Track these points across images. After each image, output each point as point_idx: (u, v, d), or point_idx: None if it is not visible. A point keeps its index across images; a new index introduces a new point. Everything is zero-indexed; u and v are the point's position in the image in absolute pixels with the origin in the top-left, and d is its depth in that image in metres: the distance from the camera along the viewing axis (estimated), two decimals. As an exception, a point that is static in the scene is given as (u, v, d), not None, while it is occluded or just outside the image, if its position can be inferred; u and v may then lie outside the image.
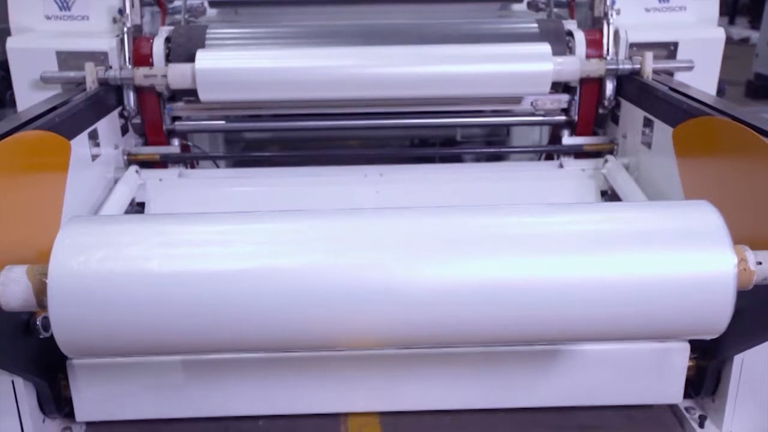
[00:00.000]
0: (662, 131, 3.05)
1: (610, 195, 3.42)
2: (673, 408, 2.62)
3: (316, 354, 2.44)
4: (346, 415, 2.59)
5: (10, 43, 3.41)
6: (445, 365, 2.51)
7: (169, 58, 3.46)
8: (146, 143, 3.64)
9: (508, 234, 2.02)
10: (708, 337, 2.15)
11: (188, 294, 1.89)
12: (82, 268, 1.87)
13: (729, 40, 3.66)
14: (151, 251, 1.93)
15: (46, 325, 2.21)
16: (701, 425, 2.50)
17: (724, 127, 2.45)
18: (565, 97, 3.64)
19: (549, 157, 3.85)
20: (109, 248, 1.92)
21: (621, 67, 3.44)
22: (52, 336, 1.94)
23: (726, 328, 1.97)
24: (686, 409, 2.58)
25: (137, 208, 3.38)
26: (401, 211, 2.15)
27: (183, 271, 1.91)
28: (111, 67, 3.36)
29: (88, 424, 2.56)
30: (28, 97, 3.31)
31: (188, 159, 3.71)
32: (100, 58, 3.37)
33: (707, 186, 2.58)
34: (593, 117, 3.65)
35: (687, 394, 2.59)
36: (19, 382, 2.29)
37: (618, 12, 3.53)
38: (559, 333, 2.03)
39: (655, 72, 3.41)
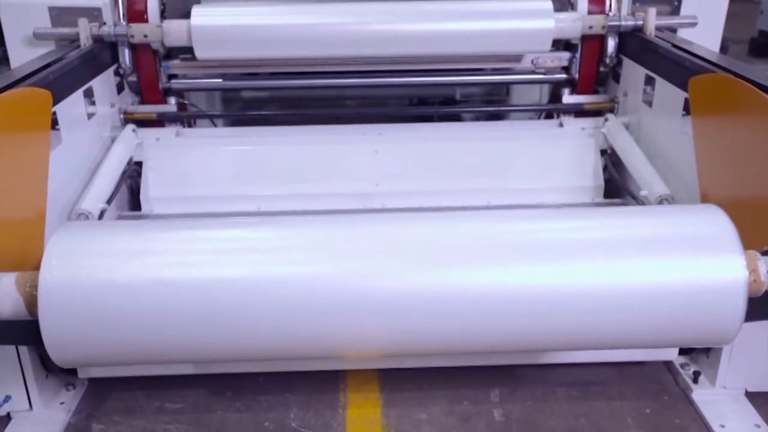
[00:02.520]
0: (664, 89, 3.02)
1: (610, 154, 3.40)
2: (667, 364, 2.66)
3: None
4: (345, 372, 2.62)
5: (2, -3, 3.35)
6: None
7: (164, 15, 3.40)
8: (142, 102, 3.60)
9: (515, 241, 2.01)
10: (717, 346, 2.17)
11: (183, 304, 1.87)
12: (72, 281, 1.86)
13: (734, -4, 3.60)
14: (144, 261, 1.91)
15: None
16: (695, 381, 2.53)
17: (739, 88, 2.39)
18: (566, 54, 3.59)
19: (549, 116, 3.82)
20: (100, 258, 1.91)
21: (623, 23, 3.38)
22: None
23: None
24: (681, 365, 2.61)
25: (135, 167, 3.36)
26: (407, 218, 2.15)
27: (177, 281, 1.89)
28: (105, 24, 3.30)
29: (90, 380, 2.60)
30: (21, 54, 3.26)
31: (185, 118, 3.68)
32: (93, 14, 3.31)
33: (719, 145, 2.54)
34: (594, 75, 3.61)
35: (681, 351, 2.63)
36: None
37: (621, -34, 3.46)
38: (565, 340, 2.04)
39: (658, 29, 3.36)
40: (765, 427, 2.31)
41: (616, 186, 3.37)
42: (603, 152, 3.45)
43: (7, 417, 2.36)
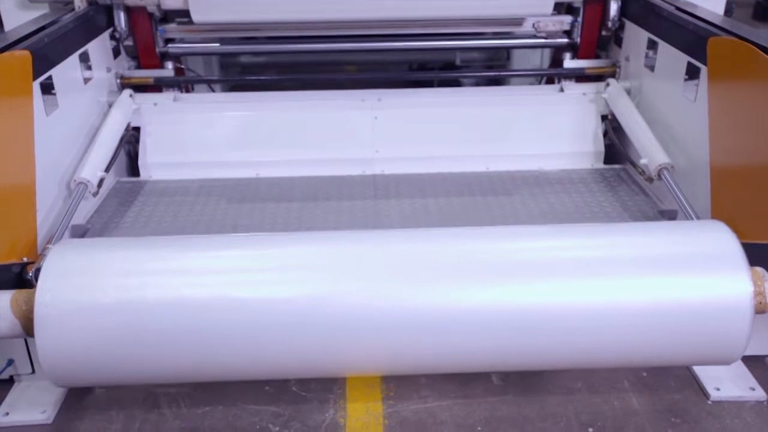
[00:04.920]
0: (667, 53, 2.99)
1: (611, 119, 3.38)
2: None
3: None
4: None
5: (-6, -41, 3.28)
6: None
7: (159, -24, 3.35)
8: (139, 66, 3.56)
9: (521, 260, 2.00)
10: (723, 364, 2.18)
11: (181, 324, 1.87)
12: (68, 303, 1.85)
13: (739, -42, 3.53)
14: (140, 282, 1.90)
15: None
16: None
17: (756, 57, 2.32)
18: (568, 18, 3.54)
19: (550, 81, 3.79)
20: (95, 280, 1.90)
21: (626, -15, 3.34)
22: None
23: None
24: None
25: (132, 132, 3.34)
26: (407, 235, 2.12)
27: (175, 301, 1.88)
28: (99, -14, 3.25)
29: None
30: (15, 17, 3.22)
31: (183, 83, 3.64)
32: (88, -25, 3.26)
33: (733, 112, 2.48)
34: (596, 39, 3.57)
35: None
36: None
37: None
38: (569, 359, 2.04)
39: (662, -10, 3.31)
40: (760, 390, 2.34)
41: (616, 152, 3.36)
42: (604, 117, 3.42)
43: (10, 380, 2.38)
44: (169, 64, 3.56)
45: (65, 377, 1.96)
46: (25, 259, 2.24)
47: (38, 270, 2.20)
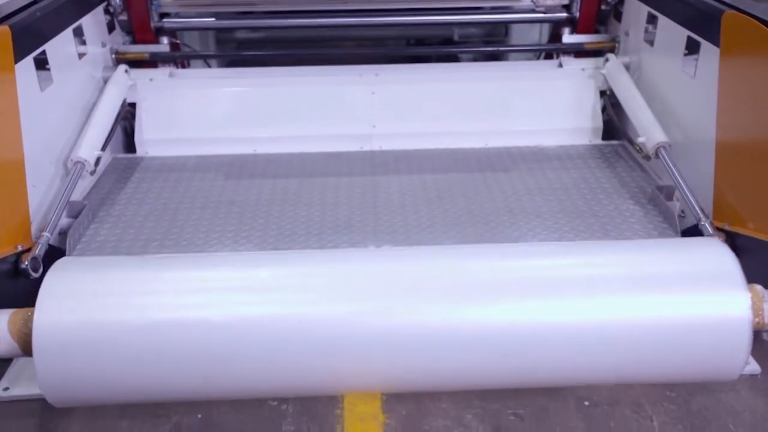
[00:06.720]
0: (667, 28, 2.96)
1: (609, 95, 3.36)
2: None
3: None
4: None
5: (-16, -68, 3.22)
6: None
7: (153, -52, 3.31)
8: (134, 41, 3.53)
9: (521, 278, 2.00)
10: (722, 381, 2.20)
11: (180, 344, 1.86)
12: (67, 322, 1.84)
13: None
14: (139, 302, 1.89)
15: (36, 267, 2.18)
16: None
17: (764, 35, 2.26)
18: (567, -8, 3.52)
19: (548, 56, 3.76)
20: (95, 299, 1.89)
21: (626, -42, 3.30)
22: (42, 275, 1.94)
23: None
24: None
25: (128, 108, 3.32)
26: (404, 254, 2.12)
27: (174, 321, 1.87)
28: (92, -42, 3.21)
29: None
30: (7, -9, 3.17)
31: (179, 58, 3.61)
32: (80, -53, 3.20)
33: (744, 91, 2.42)
34: (595, 13, 3.54)
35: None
36: None
37: None
38: (567, 376, 2.04)
39: (663, -37, 3.27)
40: (754, 364, 2.35)
41: (614, 128, 3.34)
42: (602, 93, 3.40)
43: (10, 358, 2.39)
44: (165, 40, 3.53)
45: (64, 398, 1.96)
46: (19, 247, 2.23)
47: (34, 259, 2.20)
